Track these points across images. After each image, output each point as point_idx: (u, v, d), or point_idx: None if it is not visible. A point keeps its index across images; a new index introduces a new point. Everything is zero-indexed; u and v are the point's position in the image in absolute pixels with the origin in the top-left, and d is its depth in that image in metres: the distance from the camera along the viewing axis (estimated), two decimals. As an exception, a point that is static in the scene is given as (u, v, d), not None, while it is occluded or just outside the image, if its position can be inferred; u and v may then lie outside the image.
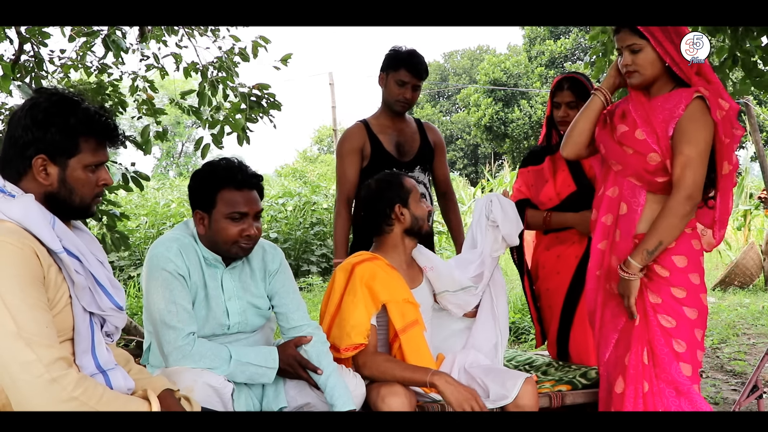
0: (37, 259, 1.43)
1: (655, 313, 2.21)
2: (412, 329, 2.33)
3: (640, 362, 2.20)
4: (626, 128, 2.27)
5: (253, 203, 2.08)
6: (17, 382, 1.36)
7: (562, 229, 2.88)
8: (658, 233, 2.16)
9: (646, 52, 2.21)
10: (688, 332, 2.20)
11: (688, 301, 2.20)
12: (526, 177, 3.01)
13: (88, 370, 1.52)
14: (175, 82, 6.66)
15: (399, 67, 2.98)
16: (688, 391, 2.16)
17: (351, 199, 3.03)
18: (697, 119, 2.16)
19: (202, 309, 2.10)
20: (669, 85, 2.26)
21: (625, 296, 2.22)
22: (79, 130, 1.51)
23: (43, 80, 4.36)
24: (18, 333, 1.35)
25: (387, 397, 2.14)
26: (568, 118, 2.75)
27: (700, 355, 2.22)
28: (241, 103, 4.75)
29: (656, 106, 2.23)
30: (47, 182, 1.52)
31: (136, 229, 9.55)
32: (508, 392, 2.25)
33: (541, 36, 26.41)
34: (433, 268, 2.53)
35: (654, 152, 2.19)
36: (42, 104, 1.50)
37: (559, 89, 2.83)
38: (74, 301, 1.51)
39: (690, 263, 2.22)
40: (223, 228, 2.05)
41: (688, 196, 2.14)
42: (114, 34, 4.54)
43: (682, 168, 2.15)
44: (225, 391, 1.94)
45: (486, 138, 27.14)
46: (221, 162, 2.10)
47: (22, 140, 1.49)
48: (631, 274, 2.18)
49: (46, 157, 1.50)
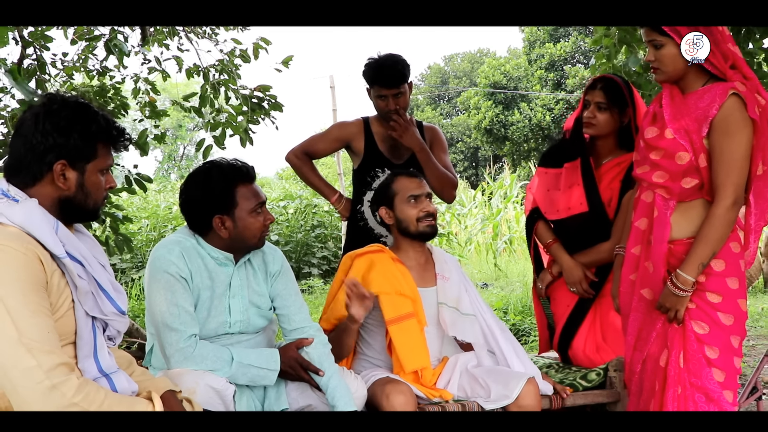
0: (41, 264, 1.43)
1: (689, 319, 2.14)
2: (406, 321, 2.34)
3: (677, 365, 2.15)
4: (656, 131, 2.19)
5: (263, 192, 2.16)
6: (18, 388, 1.36)
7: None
8: (709, 244, 2.07)
9: (668, 48, 2.12)
10: (722, 339, 2.12)
11: (723, 307, 2.12)
12: (545, 179, 2.85)
13: (90, 374, 1.52)
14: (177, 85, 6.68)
15: (373, 83, 2.92)
16: (719, 398, 2.11)
17: (309, 156, 3.10)
18: (735, 119, 2.05)
19: (205, 309, 2.10)
20: (701, 79, 2.15)
21: (673, 310, 2.13)
22: (98, 136, 1.55)
23: (46, 83, 4.36)
24: (19, 339, 1.35)
25: (391, 395, 2.14)
26: (594, 120, 2.64)
27: (737, 362, 2.13)
28: (243, 105, 4.76)
29: (690, 104, 2.14)
30: (65, 187, 1.53)
31: (137, 232, 9.55)
32: (510, 392, 2.25)
33: (541, 39, 26.41)
34: (445, 279, 2.53)
35: (683, 151, 2.11)
36: (61, 111, 1.52)
37: (591, 88, 2.67)
38: (77, 305, 1.51)
39: (728, 267, 2.13)
40: (251, 223, 2.09)
41: (734, 202, 2.06)
42: (116, 38, 4.54)
43: (726, 173, 2.06)
44: (227, 393, 1.94)
45: (486, 141, 27.14)
46: (223, 163, 2.12)
47: (42, 146, 1.50)
48: (686, 289, 2.10)
49: (66, 163, 1.52)
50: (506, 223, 13.45)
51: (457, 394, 2.40)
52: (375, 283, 2.36)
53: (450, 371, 2.46)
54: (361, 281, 2.35)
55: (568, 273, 2.74)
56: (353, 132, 3.07)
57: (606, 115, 2.63)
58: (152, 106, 4.95)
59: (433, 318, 2.47)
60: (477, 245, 12.94)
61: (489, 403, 2.29)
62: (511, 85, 26.35)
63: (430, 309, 2.47)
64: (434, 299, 2.50)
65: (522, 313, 5.66)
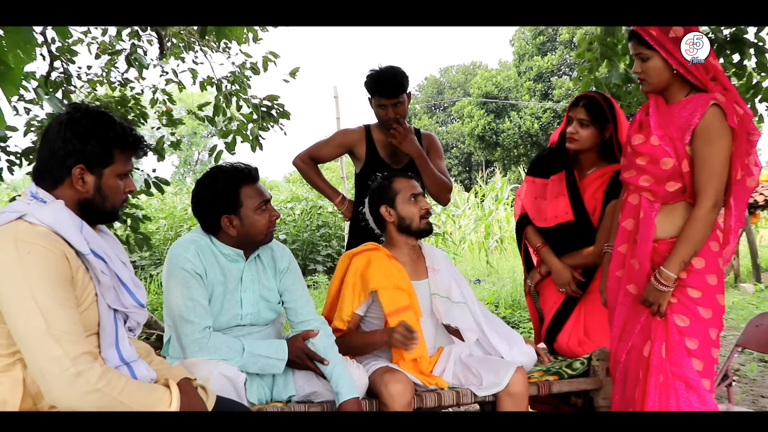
0: (67, 261, 1.45)
1: (671, 312, 2.16)
2: (404, 313, 2.35)
3: (659, 355, 2.16)
4: (642, 138, 2.20)
5: (267, 190, 2.16)
6: (46, 375, 1.37)
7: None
8: (691, 243, 2.09)
9: (654, 61, 2.15)
10: (701, 331, 2.14)
11: (702, 302, 2.14)
12: (532, 188, 2.85)
13: (112, 362, 1.53)
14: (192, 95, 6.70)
15: (374, 93, 2.95)
16: (698, 385, 2.13)
17: (314, 160, 3.11)
18: (716, 127, 2.07)
19: (218, 303, 2.11)
20: (684, 90, 2.18)
21: (656, 304, 2.15)
22: (115, 143, 1.55)
23: (72, 94, 4.40)
24: (47, 330, 1.36)
25: (389, 384, 2.16)
26: (576, 135, 2.64)
27: (714, 352, 2.16)
28: (253, 114, 4.80)
29: (674, 113, 2.16)
30: (83, 189, 1.54)
31: (156, 231, 9.58)
32: (500, 381, 2.26)
33: (530, 53, 26.42)
34: (435, 271, 2.55)
35: (668, 157, 2.12)
36: (82, 119, 1.53)
37: (575, 105, 2.67)
38: (99, 299, 1.53)
39: (708, 264, 2.14)
40: (257, 220, 2.10)
41: (714, 204, 2.08)
42: (136, 52, 4.59)
43: (706, 178, 2.07)
44: (238, 381, 1.95)
45: (479, 147, 27.14)
46: (228, 166, 2.14)
47: (63, 151, 1.51)
48: (668, 285, 2.11)
49: (84, 167, 1.53)
50: (497, 223, 13.48)
51: (452, 381, 2.41)
52: (374, 279, 2.37)
53: (445, 361, 2.48)
54: (360, 278, 2.38)
55: (558, 275, 2.76)
56: (355, 138, 3.09)
57: (588, 130, 2.63)
58: (169, 115, 4.99)
59: (426, 308, 2.49)
60: (470, 244, 12.97)
61: (481, 390, 2.30)
62: (502, 95, 26.38)
63: (424, 300, 2.48)
64: (427, 291, 2.52)
65: (512, 306, 5.68)
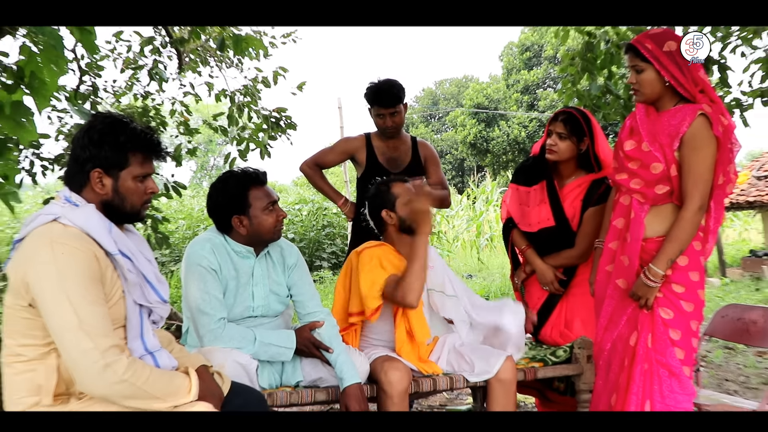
0: (96, 260, 1.44)
1: (657, 306, 2.15)
2: None
3: (645, 345, 2.15)
4: (634, 144, 2.19)
5: (274, 192, 2.15)
6: (78, 366, 1.37)
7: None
8: (678, 242, 2.08)
9: (648, 73, 2.13)
10: (684, 323, 2.14)
11: (685, 296, 2.13)
12: (517, 195, 2.83)
13: (137, 352, 1.52)
14: (208, 106, 6.68)
15: (372, 103, 2.96)
16: (679, 372, 2.12)
17: (319, 166, 3.10)
18: (702, 136, 2.06)
19: (232, 296, 2.10)
20: (674, 100, 2.16)
21: (644, 298, 2.14)
22: (127, 146, 1.52)
23: (98, 105, 4.38)
24: (79, 325, 1.36)
25: (389, 371, 2.14)
26: (555, 147, 2.63)
27: (694, 342, 2.16)
28: (263, 124, 4.79)
29: (663, 121, 2.14)
30: (103, 192, 1.52)
31: (175, 231, 9.56)
32: (490, 368, 2.25)
33: (517, 67, 26.44)
34: (431, 267, 2.52)
35: (657, 162, 2.11)
36: (97, 126, 1.52)
37: (554, 119, 2.66)
38: (126, 295, 1.52)
39: (691, 262, 2.13)
40: (264, 220, 2.08)
41: (700, 207, 2.07)
42: (157, 67, 4.58)
43: (693, 183, 2.06)
44: (251, 368, 1.94)
45: (471, 153, 27.14)
46: (238, 171, 2.13)
47: (82, 157, 1.50)
48: (656, 281, 2.11)
49: (101, 171, 1.51)
50: (488, 223, 13.48)
51: (446, 369, 2.40)
52: (388, 267, 2.30)
53: (440, 349, 2.46)
54: (378, 263, 2.29)
55: (541, 275, 2.75)
56: (357, 146, 3.08)
57: (566, 143, 2.62)
58: (186, 125, 4.97)
59: (424, 302, 2.45)
60: (463, 242, 12.98)
61: (473, 377, 2.29)
62: (492, 106, 26.38)
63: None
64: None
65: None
